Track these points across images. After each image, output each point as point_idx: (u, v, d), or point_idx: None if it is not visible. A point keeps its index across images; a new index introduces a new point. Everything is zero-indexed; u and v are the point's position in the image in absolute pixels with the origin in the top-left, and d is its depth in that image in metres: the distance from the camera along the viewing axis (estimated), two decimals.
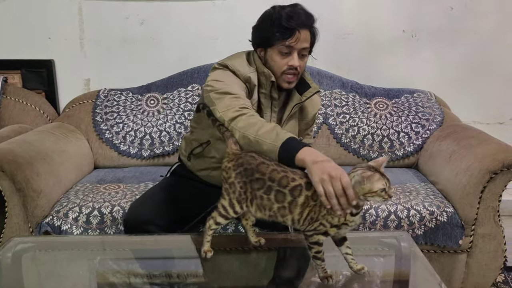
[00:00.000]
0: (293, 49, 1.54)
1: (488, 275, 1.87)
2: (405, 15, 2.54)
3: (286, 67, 1.55)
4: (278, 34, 1.52)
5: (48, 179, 1.85)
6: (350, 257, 1.27)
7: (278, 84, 1.59)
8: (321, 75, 2.43)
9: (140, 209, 1.62)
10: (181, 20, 2.53)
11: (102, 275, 1.53)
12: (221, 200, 1.31)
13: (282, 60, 1.55)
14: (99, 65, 2.57)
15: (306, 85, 1.67)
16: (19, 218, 1.80)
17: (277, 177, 1.22)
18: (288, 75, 1.57)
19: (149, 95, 2.40)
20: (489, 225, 1.82)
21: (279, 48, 1.54)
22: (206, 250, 1.35)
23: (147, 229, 1.55)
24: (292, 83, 1.59)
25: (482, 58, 2.59)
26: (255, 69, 1.60)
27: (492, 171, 1.76)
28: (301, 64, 1.57)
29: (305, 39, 1.55)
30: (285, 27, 1.51)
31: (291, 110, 1.65)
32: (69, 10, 2.50)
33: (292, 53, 1.54)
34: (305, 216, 1.20)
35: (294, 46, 1.53)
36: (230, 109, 1.40)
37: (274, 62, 1.57)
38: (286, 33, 1.52)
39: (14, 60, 2.52)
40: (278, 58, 1.56)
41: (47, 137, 2.09)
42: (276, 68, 1.57)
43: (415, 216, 1.79)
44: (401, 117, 2.33)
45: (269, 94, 1.61)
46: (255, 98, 1.59)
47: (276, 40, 1.53)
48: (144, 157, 2.30)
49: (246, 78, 1.56)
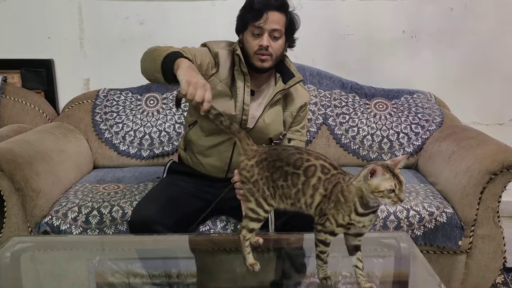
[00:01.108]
0: (263, 29, 1.62)
1: (488, 276, 1.87)
2: (405, 15, 2.54)
3: (257, 47, 1.64)
4: (249, 15, 1.64)
5: (47, 178, 1.85)
6: (359, 272, 1.21)
7: (253, 64, 1.67)
8: (321, 75, 2.43)
9: (145, 210, 1.62)
10: (181, 20, 2.53)
11: (101, 275, 1.53)
12: (247, 204, 1.26)
13: (254, 41, 1.64)
14: (98, 64, 2.57)
15: (291, 74, 1.75)
16: (18, 218, 1.80)
17: (292, 159, 1.19)
18: (259, 55, 1.64)
19: (149, 95, 2.40)
20: (488, 226, 1.82)
21: (251, 29, 1.64)
22: (251, 263, 1.26)
23: (153, 229, 1.55)
24: (265, 62, 1.65)
25: (482, 59, 2.59)
26: (232, 49, 1.72)
27: (492, 172, 1.76)
28: (273, 45, 1.64)
29: (275, 20, 1.62)
30: (254, 9, 1.62)
31: (274, 96, 1.72)
32: (68, 9, 2.50)
33: (263, 34, 1.63)
34: (316, 202, 1.17)
35: (263, 26, 1.61)
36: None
37: (247, 43, 1.66)
38: (254, 14, 1.62)
39: (13, 59, 2.51)
40: (251, 39, 1.65)
41: (46, 136, 2.08)
42: (249, 49, 1.66)
43: (415, 217, 1.79)
44: (400, 118, 2.33)
45: (240, 70, 1.68)
46: (224, 74, 1.70)
47: (248, 23, 1.64)
48: (144, 157, 2.30)
49: (215, 52, 1.70)
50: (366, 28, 2.55)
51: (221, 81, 1.69)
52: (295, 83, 1.74)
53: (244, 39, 1.68)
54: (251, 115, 1.71)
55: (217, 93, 1.66)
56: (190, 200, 1.71)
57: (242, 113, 1.68)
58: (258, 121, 1.71)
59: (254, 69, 1.68)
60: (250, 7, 1.64)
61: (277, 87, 1.73)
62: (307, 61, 2.48)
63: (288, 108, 1.79)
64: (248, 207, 1.25)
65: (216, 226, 1.76)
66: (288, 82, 1.73)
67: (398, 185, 1.08)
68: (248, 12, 1.65)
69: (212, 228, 1.75)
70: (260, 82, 1.75)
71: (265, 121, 1.72)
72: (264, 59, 1.65)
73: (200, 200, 1.72)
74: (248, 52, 1.67)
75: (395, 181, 1.08)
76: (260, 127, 1.72)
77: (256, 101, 1.74)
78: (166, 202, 1.65)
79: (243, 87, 1.69)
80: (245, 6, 1.68)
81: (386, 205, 1.24)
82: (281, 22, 1.64)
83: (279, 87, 1.72)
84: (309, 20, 2.53)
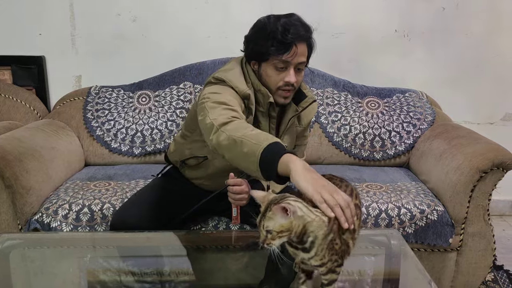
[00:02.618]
0: (289, 64, 1.44)
1: (478, 273, 1.88)
2: (397, 15, 2.55)
3: (282, 82, 1.47)
4: (274, 48, 1.42)
5: (37, 176, 1.83)
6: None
7: (275, 100, 1.51)
8: (313, 74, 2.43)
9: (126, 214, 1.56)
10: (174, 17, 2.52)
11: (92, 273, 1.52)
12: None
13: (278, 75, 1.46)
14: (90, 62, 2.55)
15: (302, 94, 1.60)
16: (7, 215, 1.79)
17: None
18: (284, 91, 1.49)
19: (141, 93, 2.39)
20: (479, 224, 1.83)
21: (274, 63, 1.45)
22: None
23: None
24: (288, 98, 1.52)
25: (473, 58, 2.61)
26: (251, 85, 1.51)
27: (482, 170, 1.77)
28: (298, 79, 1.49)
29: (302, 53, 1.46)
30: (281, 41, 1.42)
31: (288, 122, 1.59)
32: (60, 6, 2.49)
33: (288, 68, 1.45)
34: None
35: (291, 61, 1.44)
36: (223, 115, 1.31)
37: (269, 77, 1.48)
38: (282, 47, 1.42)
39: (4, 56, 2.49)
40: (274, 73, 1.46)
41: (37, 133, 2.07)
42: (272, 84, 1.48)
43: (406, 215, 1.80)
44: (392, 116, 2.33)
45: (266, 113, 1.54)
46: (251, 117, 1.50)
47: (271, 55, 1.44)
48: (135, 154, 2.29)
49: (246, 95, 1.47)
50: (359, 27, 2.56)
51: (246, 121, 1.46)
52: (308, 104, 1.60)
53: (263, 72, 1.48)
54: None
55: None
56: (177, 205, 1.62)
57: None
58: None
59: (275, 104, 1.53)
60: (274, 38, 1.42)
61: (290, 112, 1.59)
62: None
63: (301, 124, 1.70)
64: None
65: (208, 224, 1.76)
66: (300, 104, 1.59)
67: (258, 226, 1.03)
68: (271, 42, 1.43)
69: (203, 227, 1.75)
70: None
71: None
72: (288, 95, 1.50)
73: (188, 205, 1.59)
74: (269, 86, 1.49)
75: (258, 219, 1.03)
76: None
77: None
78: (150, 206, 1.57)
79: (268, 129, 1.55)
80: (266, 33, 1.44)
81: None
82: (305, 53, 1.47)
83: (292, 112, 1.59)
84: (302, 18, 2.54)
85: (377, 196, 1.87)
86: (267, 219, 1.02)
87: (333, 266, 1.07)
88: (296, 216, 1.01)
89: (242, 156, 1.20)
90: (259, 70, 1.50)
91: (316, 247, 1.03)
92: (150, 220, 1.53)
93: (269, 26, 1.45)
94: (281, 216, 1.00)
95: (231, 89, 1.46)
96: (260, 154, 1.15)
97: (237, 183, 1.44)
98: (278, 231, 1.01)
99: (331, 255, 1.05)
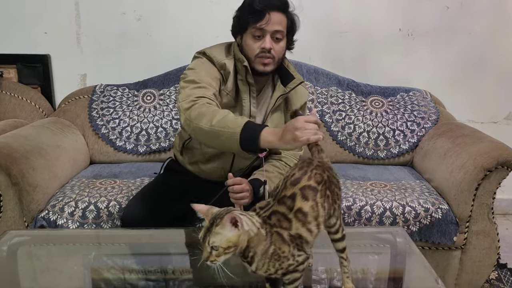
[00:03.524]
0: (265, 31, 1.55)
1: (482, 271, 1.89)
2: (401, 14, 2.56)
3: (259, 50, 1.57)
4: (250, 17, 1.55)
5: (43, 173, 1.84)
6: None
7: (254, 68, 1.60)
8: (318, 72, 2.44)
9: (137, 207, 1.61)
10: (178, 16, 2.53)
11: (96, 270, 1.53)
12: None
13: (255, 43, 1.57)
14: (95, 60, 2.56)
15: (290, 76, 1.69)
16: (14, 212, 1.80)
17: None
18: (262, 58, 1.58)
19: (146, 91, 2.40)
20: (483, 222, 1.83)
21: (251, 31, 1.57)
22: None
23: (145, 226, 1.55)
24: (267, 65, 1.59)
25: (477, 58, 2.61)
26: (232, 56, 1.63)
27: (487, 169, 1.78)
28: (276, 47, 1.58)
29: (277, 21, 1.56)
30: (255, 10, 1.54)
31: (276, 101, 1.66)
32: (65, 5, 2.50)
33: (264, 35, 1.56)
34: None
35: (265, 28, 1.54)
36: (189, 97, 1.45)
37: (248, 46, 1.59)
38: (256, 15, 1.54)
39: (9, 54, 2.51)
40: (252, 42, 1.58)
41: (42, 131, 2.08)
42: (250, 52, 1.59)
43: (410, 213, 1.80)
44: (396, 115, 2.34)
45: (245, 80, 1.62)
46: (229, 86, 1.62)
47: (248, 24, 1.56)
48: (140, 153, 2.30)
49: (221, 64, 1.60)
50: (363, 26, 2.57)
51: (227, 94, 1.62)
52: (295, 85, 1.68)
53: (244, 42, 1.60)
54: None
55: (223, 106, 1.60)
56: (185, 200, 1.66)
57: None
58: None
59: (255, 73, 1.62)
60: (250, 8, 1.56)
61: (278, 91, 1.67)
62: (304, 58, 2.49)
63: (289, 110, 1.74)
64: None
65: None
66: (288, 85, 1.67)
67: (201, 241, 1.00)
68: (247, 13, 1.56)
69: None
70: (259, 86, 1.70)
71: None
72: (267, 62, 1.58)
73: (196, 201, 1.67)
74: (248, 55, 1.59)
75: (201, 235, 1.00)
76: None
77: (257, 107, 1.69)
78: (160, 201, 1.62)
79: (248, 99, 1.63)
80: (243, 6, 1.60)
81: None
82: (283, 23, 1.58)
83: (280, 91, 1.67)
84: (307, 18, 2.54)
85: (381, 195, 1.88)
86: (213, 234, 0.98)
87: (288, 270, 1.05)
88: (243, 230, 0.99)
89: (221, 145, 1.37)
90: (242, 42, 1.62)
91: (256, 262, 1.02)
92: (159, 213, 1.57)
93: (248, 0, 1.58)
94: (230, 230, 0.98)
95: (208, 62, 1.60)
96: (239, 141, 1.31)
97: (236, 182, 1.48)
98: (225, 247, 0.98)
99: (279, 264, 1.03)
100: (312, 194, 1.08)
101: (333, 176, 1.15)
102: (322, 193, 1.09)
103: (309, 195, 1.07)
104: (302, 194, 1.07)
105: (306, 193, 1.07)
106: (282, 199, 1.08)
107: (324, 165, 1.15)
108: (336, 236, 1.17)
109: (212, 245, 0.97)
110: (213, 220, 1.00)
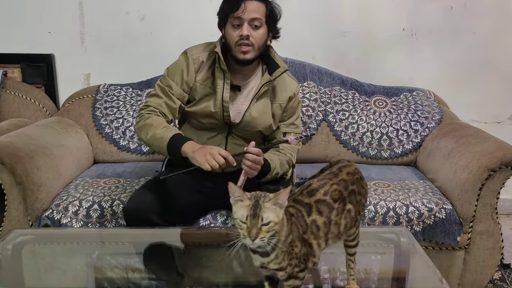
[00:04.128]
0: (242, 20, 1.61)
1: (486, 272, 1.89)
2: (405, 13, 2.55)
3: (238, 38, 1.62)
4: (228, 6, 1.63)
5: (48, 172, 1.85)
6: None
7: (236, 57, 1.65)
8: (321, 72, 2.44)
9: (140, 199, 1.63)
10: (181, 16, 2.53)
11: (100, 269, 1.53)
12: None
13: (234, 32, 1.63)
14: (99, 60, 2.57)
15: (277, 65, 1.73)
16: (18, 211, 1.81)
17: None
18: (240, 46, 1.62)
19: (149, 90, 2.40)
20: (487, 222, 1.83)
21: (231, 21, 1.63)
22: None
23: (148, 218, 1.56)
24: (247, 53, 1.64)
25: (481, 58, 2.60)
26: (211, 49, 1.71)
27: (491, 169, 1.78)
28: (254, 34, 1.63)
29: (254, 9, 1.61)
30: (232, 0, 1.62)
31: (260, 89, 1.71)
32: (69, 4, 2.50)
33: (242, 24, 1.61)
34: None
35: (242, 16, 1.60)
36: (148, 107, 1.67)
37: (228, 35, 1.65)
38: (232, 5, 1.61)
39: (14, 54, 2.51)
40: (231, 31, 1.64)
41: (47, 131, 2.09)
42: (231, 41, 1.64)
43: (414, 213, 1.80)
44: (400, 115, 2.34)
45: (219, 67, 1.68)
46: (203, 75, 1.70)
47: (227, 15, 1.63)
48: (144, 152, 2.30)
49: (195, 58, 1.70)
50: (366, 25, 2.56)
51: (201, 84, 1.70)
52: (280, 73, 1.72)
53: (226, 33, 1.67)
54: (237, 109, 1.71)
55: (200, 96, 1.70)
56: (187, 192, 1.70)
57: (222, 110, 1.68)
58: (244, 115, 1.71)
59: (237, 61, 1.67)
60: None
61: (263, 79, 1.72)
62: (308, 58, 2.49)
63: (276, 100, 1.78)
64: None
65: (217, 220, 1.76)
66: (273, 74, 1.71)
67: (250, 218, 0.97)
68: (226, 3, 1.65)
69: (212, 222, 1.76)
70: (246, 75, 1.74)
71: (252, 114, 1.71)
72: (246, 50, 1.63)
73: (198, 193, 1.71)
74: (229, 44, 1.65)
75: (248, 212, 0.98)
76: (247, 121, 1.72)
77: (242, 94, 1.73)
78: (163, 192, 1.64)
79: (222, 84, 1.68)
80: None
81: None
82: (261, 11, 1.63)
83: (265, 79, 1.71)
84: (310, 17, 2.55)
85: (385, 194, 1.88)
86: (266, 209, 0.98)
87: (294, 272, 1.04)
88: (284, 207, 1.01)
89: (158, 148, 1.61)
90: (225, 34, 1.69)
91: (278, 250, 1.01)
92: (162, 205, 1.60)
93: None
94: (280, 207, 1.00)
95: (183, 60, 1.72)
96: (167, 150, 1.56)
97: (256, 153, 1.53)
98: (276, 222, 0.98)
99: (290, 259, 1.03)
100: (326, 211, 1.08)
101: (362, 186, 1.15)
102: (339, 210, 1.09)
103: (323, 211, 1.08)
104: (317, 208, 1.08)
105: (321, 208, 1.08)
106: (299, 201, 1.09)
107: (355, 176, 1.15)
108: (351, 243, 1.19)
109: (266, 221, 0.97)
110: (258, 198, 1.00)
